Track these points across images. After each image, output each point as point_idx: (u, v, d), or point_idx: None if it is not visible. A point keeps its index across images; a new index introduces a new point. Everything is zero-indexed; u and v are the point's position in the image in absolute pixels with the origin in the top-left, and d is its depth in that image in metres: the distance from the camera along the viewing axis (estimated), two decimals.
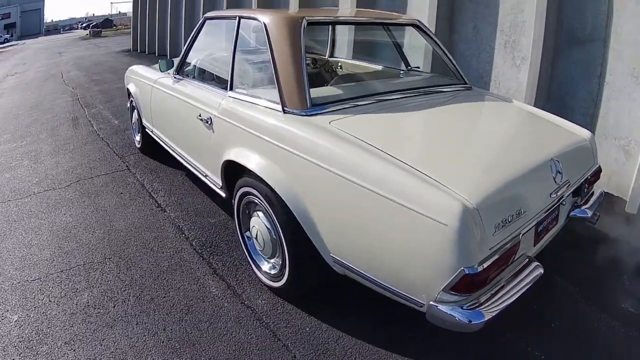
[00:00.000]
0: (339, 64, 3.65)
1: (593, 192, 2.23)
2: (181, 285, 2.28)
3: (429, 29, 2.83)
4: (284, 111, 1.97)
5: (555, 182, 1.79)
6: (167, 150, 3.38)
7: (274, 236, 2.04)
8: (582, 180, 2.02)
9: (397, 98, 2.22)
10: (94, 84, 7.90)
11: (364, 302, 2.11)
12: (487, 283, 1.49)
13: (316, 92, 2.05)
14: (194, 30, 2.94)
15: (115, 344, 1.89)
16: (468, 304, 1.45)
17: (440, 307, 1.45)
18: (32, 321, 2.05)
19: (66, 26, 54.43)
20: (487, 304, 1.46)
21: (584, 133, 2.22)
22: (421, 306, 1.52)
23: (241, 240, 2.37)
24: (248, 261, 2.35)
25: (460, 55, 4.51)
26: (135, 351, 1.85)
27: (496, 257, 1.46)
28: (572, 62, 3.68)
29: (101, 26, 34.56)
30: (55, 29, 51.62)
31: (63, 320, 2.04)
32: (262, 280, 2.23)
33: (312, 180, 1.75)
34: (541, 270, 1.63)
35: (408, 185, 1.48)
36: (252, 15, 2.35)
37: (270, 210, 1.96)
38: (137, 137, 4.26)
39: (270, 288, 2.19)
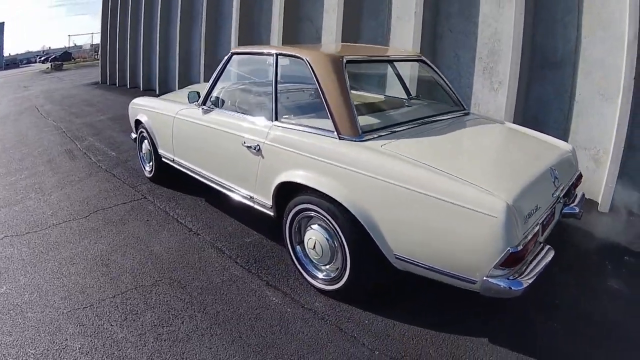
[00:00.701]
0: (298, 95, 3.99)
1: (576, 194, 2.71)
2: (241, 297, 2.49)
3: (432, 64, 3.27)
4: (340, 138, 2.29)
5: (554, 185, 2.25)
6: (189, 178, 3.57)
7: (333, 244, 2.33)
8: (570, 184, 2.49)
9: (422, 124, 2.61)
10: (75, 116, 7.86)
11: (408, 293, 2.44)
12: (524, 259, 1.91)
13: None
14: (221, 64, 3.20)
15: (198, 355, 2.06)
16: (511, 276, 1.87)
17: (492, 280, 1.85)
18: (98, 346, 2.11)
19: (24, 60, 52.37)
20: (523, 276, 1.90)
21: (568, 146, 2.71)
22: (474, 283, 1.90)
23: (291, 253, 2.62)
24: (299, 271, 2.60)
25: None
26: (221, 359, 2.05)
27: (528, 239, 1.90)
28: (545, 84, 4.24)
29: (61, 59, 33.70)
30: (14, 62, 49.52)
31: (133, 342, 2.14)
32: (315, 286, 2.50)
33: (377, 193, 2.07)
34: (553, 252, 2.09)
35: (461, 191, 1.87)
36: (292, 53, 2.67)
37: (333, 222, 2.25)
38: (148, 167, 4.40)
39: (324, 292, 2.45)
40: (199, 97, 3.32)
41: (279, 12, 6.72)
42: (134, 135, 4.61)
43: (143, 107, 4.21)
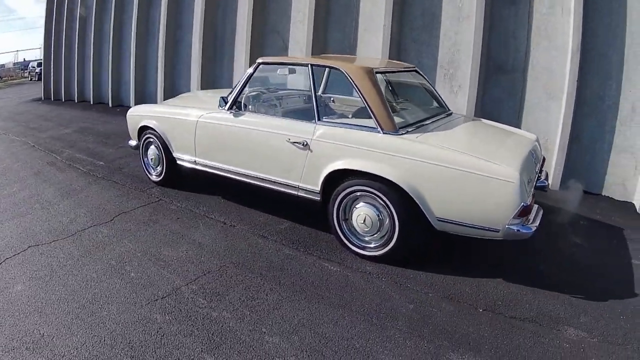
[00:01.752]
0: (332, 99, 4.57)
1: (545, 171, 3.54)
2: (305, 270, 2.96)
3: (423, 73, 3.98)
4: (384, 132, 2.88)
5: (534, 164, 3.05)
6: (204, 178, 3.91)
7: (381, 217, 2.91)
8: (541, 164, 3.31)
9: (433, 122, 3.29)
10: (37, 131, 7.58)
11: (435, 253, 3.10)
12: (530, 211, 2.67)
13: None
14: (248, 72, 3.62)
15: (296, 316, 2.49)
16: (523, 224, 2.59)
17: (511, 227, 2.57)
18: (198, 326, 2.38)
19: None
20: (530, 223, 2.65)
21: (533, 136, 3.53)
22: (498, 231, 2.60)
23: (338, 230, 3.15)
24: (346, 244, 3.14)
25: None
26: (312, 317, 2.49)
27: (531, 198, 2.66)
28: (498, 87, 5.15)
29: None
30: None
31: (231, 317, 2.46)
32: (361, 254, 3.06)
33: (422, 172, 2.72)
34: (542, 210, 2.88)
35: (485, 165, 2.58)
36: (328, 64, 3.23)
37: (384, 198, 2.83)
38: (155, 172, 4.61)
39: (370, 258, 3.03)
40: (226, 102, 3.69)
41: (246, 24, 7.09)
42: (133, 143, 4.78)
43: (150, 114, 4.42)
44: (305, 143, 3.11)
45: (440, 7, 5.42)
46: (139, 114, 4.60)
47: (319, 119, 3.15)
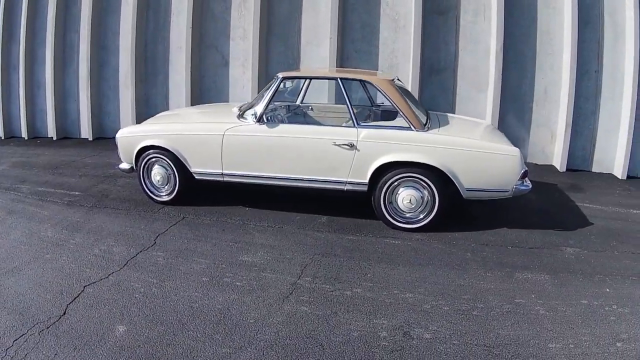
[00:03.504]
0: (310, 107, 5.26)
1: None
2: (376, 247, 3.68)
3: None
4: (416, 130, 3.77)
5: None
6: (209, 190, 4.32)
7: (424, 195, 3.78)
8: None
9: (435, 118, 4.28)
10: None
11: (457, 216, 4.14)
12: (527, 174, 3.78)
13: None
14: (272, 87, 4.11)
15: (404, 276, 3.22)
16: (524, 183, 3.71)
17: (517, 187, 3.68)
18: (344, 311, 2.83)
19: None
20: (527, 183, 3.77)
21: (488, 121, 4.77)
22: (508, 192, 3.70)
23: (384, 211, 3.93)
24: (392, 223, 3.94)
25: None
26: (415, 274, 3.26)
27: (526, 167, 3.78)
28: (433, 85, 6.37)
29: None
30: None
31: (359, 292, 3.02)
32: (406, 227, 3.92)
33: (453, 155, 3.69)
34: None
35: (497, 147, 3.70)
36: (356, 78, 4.09)
37: (427, 179, 3.72)
38: (163, 191, 4.62)
39: (414, 230, 3.90)
40: (255, 116, 4.10)
41: (185, 41, 7.24)
42: (126, 166, 4.70)
43: (154, 133, 4.45)
44: (352, 144, 3.81)
45: (378, 19, 6.44)
46: (135, 135, 4.56)
47: (357, 124, 3.87)
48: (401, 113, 3.80)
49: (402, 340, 2.56)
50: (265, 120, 4.09)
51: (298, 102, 5.21)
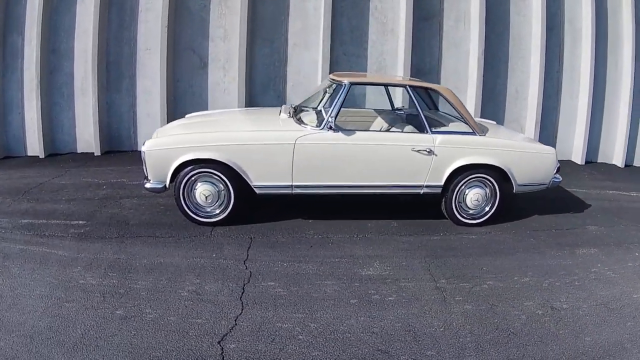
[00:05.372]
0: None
1: None
2: (458, 243, 4.07)
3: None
4: (479, 135, 4.25)
5: None
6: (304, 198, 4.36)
7: (487, 192, 4.31)
8: None
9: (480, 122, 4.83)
10: None
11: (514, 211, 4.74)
12: (559, 170, 4.53)
13: None
14: (340, 94, 4.07)
15: (488, 264, 3.65)
16: (557, 176, 4.47)
17: (553, 180, 4.42)
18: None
19: None
20: (559, 177, 4.53)
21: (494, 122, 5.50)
22: (546, 184, 4.41)
23: (455, 209, 4.35)
24: (459, 219, 4.37)
25: None
26: (496, 262, 3.73)
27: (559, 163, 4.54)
28: None
29: None
30: None
31: (498, 285, 3.39)
32: (470, 223, 4.40)
33: (510, 155, 4.24)
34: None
35: (540, 147, 4.41)
36: (425, 86, 4.50)
37: (490, 178, 4.22)
38: (212, 211, 4.14)
39: (475, 225, 4.40)
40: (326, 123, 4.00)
41: (160, 43, 6.73)
42: (158, 185, 4.06)
43: (202, 144, 3.96)
44: (429, 150, 4.13)
45: (367, 23, 6.75)
46: (173, 147, 3.97)
47: (430, 130, 4.20)
48: (464, 119, 4.27)
49: (551, 312, 3.08)
50: (336, 128, 4.03)
51: (320, 107, 4.89)
